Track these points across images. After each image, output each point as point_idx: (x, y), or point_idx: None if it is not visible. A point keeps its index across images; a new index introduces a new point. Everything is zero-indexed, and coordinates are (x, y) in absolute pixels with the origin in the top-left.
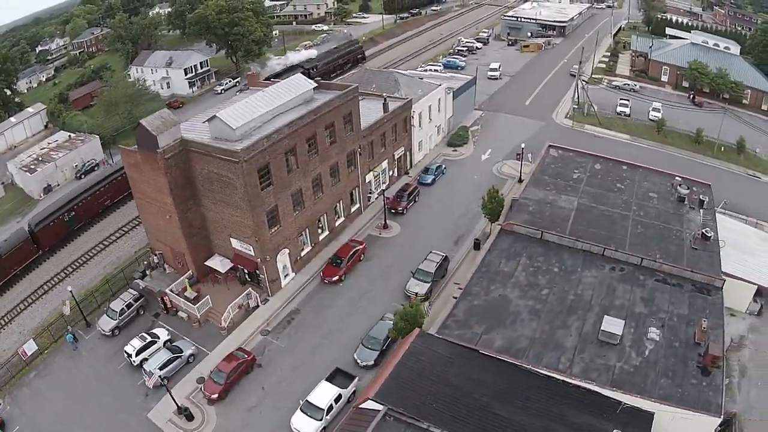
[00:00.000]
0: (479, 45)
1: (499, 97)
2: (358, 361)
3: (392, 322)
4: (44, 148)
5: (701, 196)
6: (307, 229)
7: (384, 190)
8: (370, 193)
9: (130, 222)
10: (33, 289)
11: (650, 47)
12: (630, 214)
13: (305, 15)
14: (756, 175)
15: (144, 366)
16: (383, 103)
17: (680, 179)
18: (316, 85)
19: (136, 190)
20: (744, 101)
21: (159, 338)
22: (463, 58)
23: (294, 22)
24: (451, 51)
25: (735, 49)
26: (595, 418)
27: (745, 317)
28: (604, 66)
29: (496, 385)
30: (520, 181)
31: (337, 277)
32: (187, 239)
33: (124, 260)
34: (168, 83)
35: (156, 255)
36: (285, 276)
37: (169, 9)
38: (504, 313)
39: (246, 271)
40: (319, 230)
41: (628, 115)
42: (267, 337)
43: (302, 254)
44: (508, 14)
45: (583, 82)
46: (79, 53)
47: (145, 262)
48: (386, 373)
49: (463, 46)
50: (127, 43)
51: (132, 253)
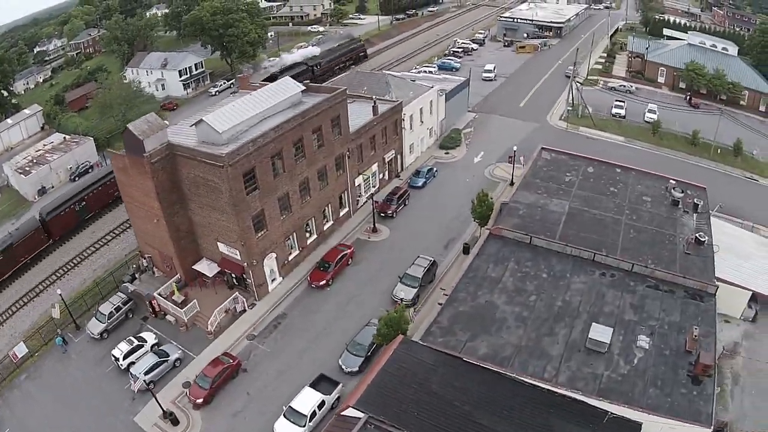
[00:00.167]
0: (475, 46)
1: (493, 99)
2: (342, 367)
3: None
4: (39, 150)
5: (696, 200)
6: (294, 233)
7: (373, 194)
8: (359, 196)
9: (121, 225)
10: (24, 292)
11: (647, 48)
12: (622, 218)
13: (302, 16)
14: (753, 177)
15: (131, 370)
16: (372, 106)
17: (674, 182)
18: (304, 88)
19: (124, 194)
20: (741, 102)
21: (146, 342)
22: (459, 60)
23: (290, 23)
24: (447, 52)
25: (733, 49)
26: (580, 427)
27: (740, 323)
28: (600, 67)
29: (479, 394)
30: (511, 184)
31: (324, 282)
32: (175, 243)
33: (115, 263)
34: (163, 85)
35: (145, 258)
36: (272, 280)
37: (166, 10)
38: (490, 320)
39: (233, 275)
40: (307, 234)
41: (624, 117)
42: (253, 341)
43: (290, 258)
44: (504, 15)
45: (578, 84)
46: (77, 54)
47: (134, 266)
48: (368, 380)
49: (459, 48)
50: (123, 44)
51: (122, 255)
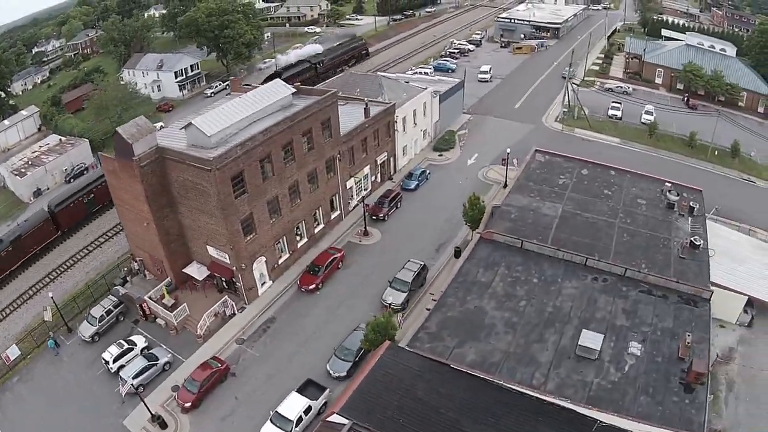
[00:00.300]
0: (471, 47)
1: (488, 100)
2: (330, 372)
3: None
4: (35, 151)
5: (692, 203)
6: (284, 237)
7: (364, 198)
8: (350, 199)
9: (114, 227)
10: (18, 294)
11: (644, 49)
12: (616, 222)
13: (298, 17)
14: (751, 179)
15: (120, 373)
16: (364, 108)
17: (670, 185)
18: (294, 90)
19: (115, 197)
20: (740, 104)
21: (136, 345)
22: (455, 61)
23: (287, 24)
24: (443, 53)
25: (731, 50)
26: None
27: (735, 329)
28: (597, 68)
29: (466, 401)
30: (505, 186)
31: (314, 286)
32: (165, 246)
33: (107, 266)
34: (159, 86)
35: (136, 261)
36: (262, 284)
37: (164, 11)
38: (478, 326)
39: (223, 278)
40: (298, 237)
41: (620, 118)
42: (242, 345)
43: (280, 262)
44: (501, 16)
45: (574, 85)
46: (74, 55)
47: (126, 269)
48: (354, 387)
49: (455, 49)
50: (120, 45)
51: (115, 258)
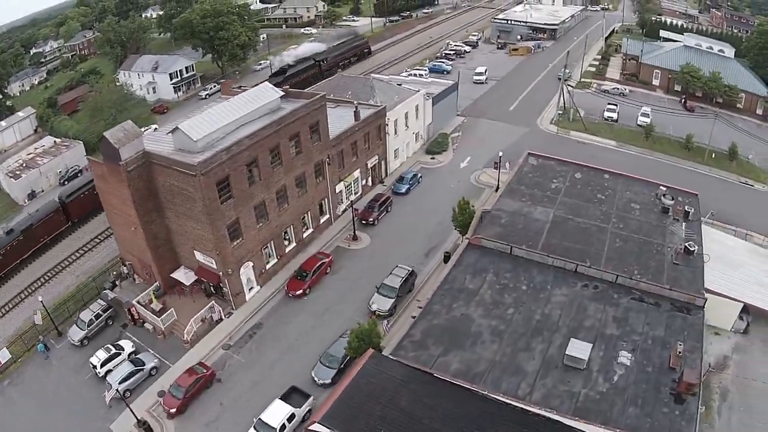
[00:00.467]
0: (468, 48)
1: (483, 102)
2: (315, 379)
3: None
4: (30, 153)
5: (687, 207)
6: (272, 242)
7: (353, 202)
8: (340, 203)
9: (104, 231)
10: (9, 298)
11: (641, 50)
12: (608, 227)
13: (295, 18)
14: (748, 182)
15: (108, 378)
16: (354, 111)
17: (665, 189)
18: (282, 94)
19: (104, 201)
20: (738, 105)
21: (124, 350)
22: (450, 62)
23: (284, 25)
24: (438, 55)
25: (729, 51)
26: None
27: (730, 336)
28: (594, 70)
29: (450, 412)
30: (497, 190)
31: (301, 291)
32: (153, 251)
33: (98, 269)
34: (154, 88)
35: (126, 265)
36: (249, 289)
37: (161, 12)
38: (464, 334)
39: (210, 283)
40: (286, 242)
41: (616, 121)
42: (228, 351)
43: (267, 267)
44: (498, 17)
45: (569, 87)
46: (72, 56)
47: (115, 273)
48: (336, 395)
49: (451, 50)
50: (116, 47)
51: (105, 262)
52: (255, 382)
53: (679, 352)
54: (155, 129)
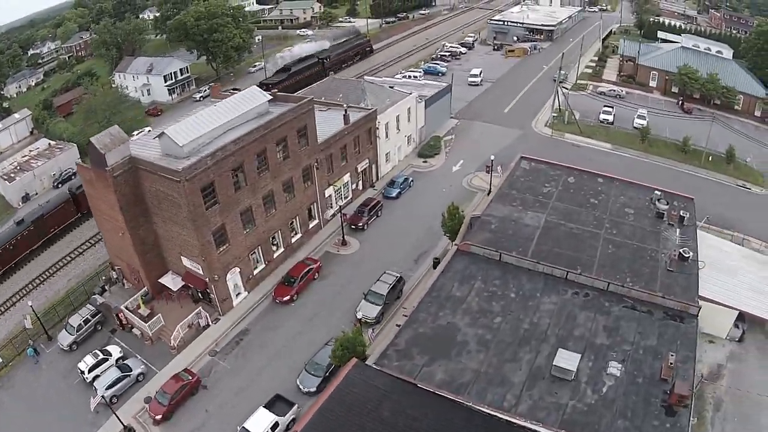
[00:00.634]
0: (463, 50)
1: (477, 105)
2: (300, 386)
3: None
4: (25, 155)
5: (682, 212)
6: (259, 247)
7: (342, 207)
8: (329, 208)
9: (95, 236)
10: (1, 302)
11: (638, 51)
12: (601, 233)
13: (291, 19)
14: (746, 186)
15: (95, 384)
16: (344, 114)
17: (660, 193)
18: (271, 97)
19: (93, 206)
20: (736, 107)
21: (111, 356)
22: (445, 64)
23: (280, 27)
24: (434, 56)
25: (727, 53)
26: None
27: (725, 344)
28: (590, 71)
29: (433, 423)
30: (489, 194)
31: (288, 297)
32: (140, 256)
33: (88, 274)
34: (148, 90)
35: (115, 270)
36: (237, 295)
37: (157, 13)
38: (450, 343)
39: (197, 289)
40: (274, 248)
41: (612, 123)
42: (215, 357)
43: (255, 273)
44: (494, 18)
45: (565, 89)
46: (68, 57)
47: (104, 277)
48: (318, 406)
49: (447, 51)
50: (112, 48)
51: (96, 266)
52: (241, 388)
53: (671, 363)
54: (149, 131)
